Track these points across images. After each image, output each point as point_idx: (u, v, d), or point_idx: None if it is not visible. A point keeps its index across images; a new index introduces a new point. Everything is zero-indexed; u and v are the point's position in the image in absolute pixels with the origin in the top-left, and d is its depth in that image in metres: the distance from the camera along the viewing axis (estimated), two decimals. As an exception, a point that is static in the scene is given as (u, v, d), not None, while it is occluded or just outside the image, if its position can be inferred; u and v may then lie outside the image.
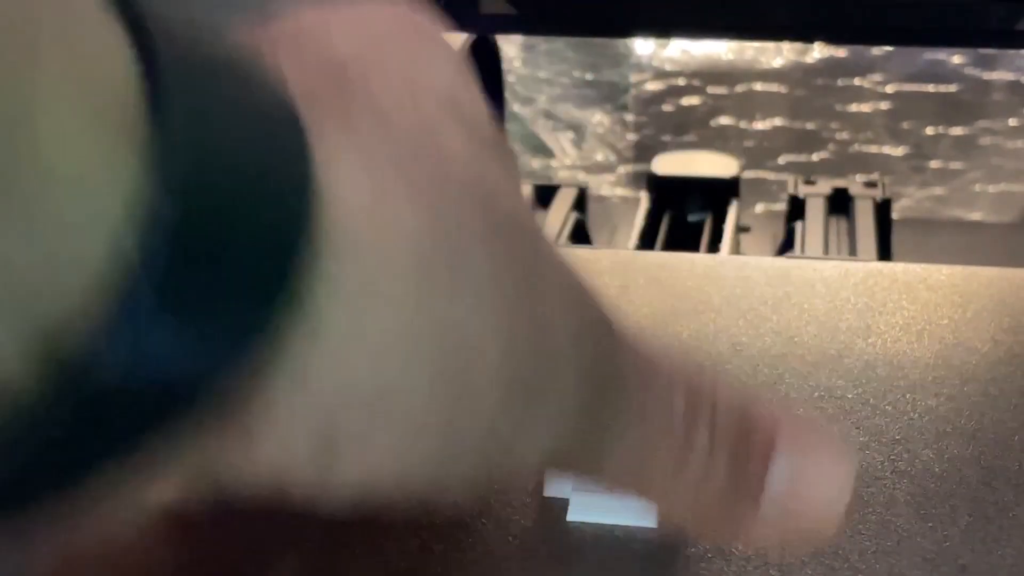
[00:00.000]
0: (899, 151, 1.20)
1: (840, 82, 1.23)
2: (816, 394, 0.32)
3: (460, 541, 0.26)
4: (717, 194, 0.85)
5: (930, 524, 0.27)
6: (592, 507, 0.26)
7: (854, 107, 1.23)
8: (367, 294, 0.16)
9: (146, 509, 0.17)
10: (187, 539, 0.25)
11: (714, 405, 0.20)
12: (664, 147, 1.21)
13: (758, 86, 1.24)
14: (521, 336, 0.17)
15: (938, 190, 1.17)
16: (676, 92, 1.26)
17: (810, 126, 1.22)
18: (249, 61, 0.16)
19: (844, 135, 1.21)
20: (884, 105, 1.22)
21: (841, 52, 1.22)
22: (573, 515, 0.26)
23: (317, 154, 0.15)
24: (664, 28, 0.77)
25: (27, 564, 0.16)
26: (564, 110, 1.28)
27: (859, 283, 0.38)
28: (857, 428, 0.31)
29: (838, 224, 0.78)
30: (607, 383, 0.19)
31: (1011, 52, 1.19)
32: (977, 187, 1.16)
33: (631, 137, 1.25)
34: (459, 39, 0.72)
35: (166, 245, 0.13)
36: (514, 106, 1.26)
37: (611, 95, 1.27)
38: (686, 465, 0.19)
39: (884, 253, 0.75)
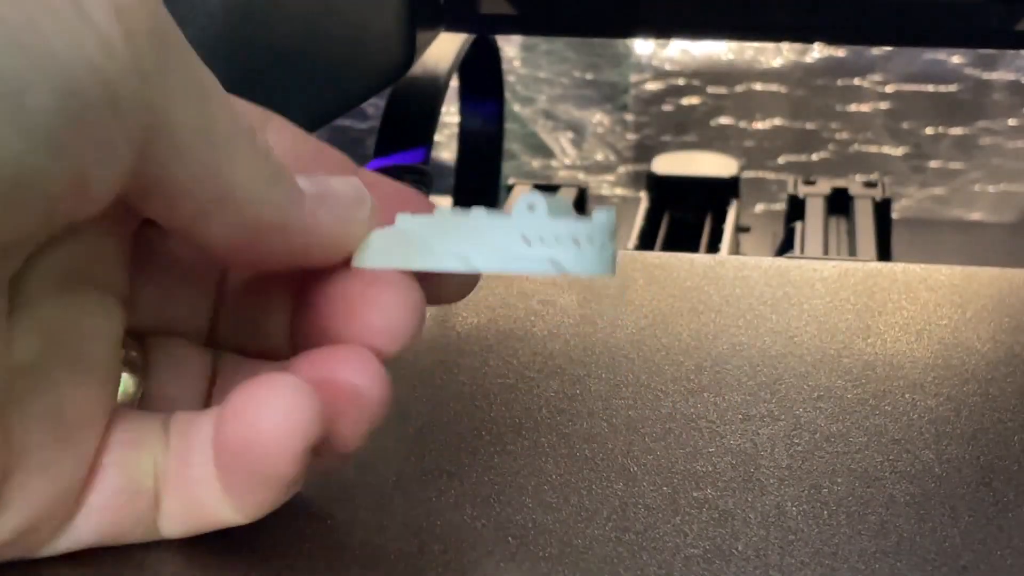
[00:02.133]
0: (899, 151, 1.20)
1: (840, 82, 1.23)
2: (815, 394, 0.32)
3: (460, 541, 0.26)
4: (717, 194, 0.85)
5: (930, 525, 0.27)
6: (385, 252, 0.25)
7: (854, 107, 1.23)
8: None
9: None
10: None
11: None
12: (664, 147, 1.21)
13: (758, 86, 1.24)
14: None
15: (938, 190, 1.17)
16: (676, 92, 1.26)
17: (810, 126, 1.22)
18: None
19: (844, 135, 1.21)
20: (884, 105, 1.22)
21: (840, 52, 1.22)
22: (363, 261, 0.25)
23: None
24: (664, 28, 0.77)
25: None
26: (564, 110, 1.28)
27: (859, 283, 0.38)
28: (856, 428, 0.31)
29: (838, 224, 0.78)
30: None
31: (1011, 52, 1.19)
32: (977, 187, 1.16)
33: (631, 137, 1.26)
34: (459, 39, 0.72)
35: None
36: (514, 106, 1.26)
37: (611, 95, 1.27)
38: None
39: (884, 253, 0.75)
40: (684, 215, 0.85)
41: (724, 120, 1.24)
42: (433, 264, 0.24)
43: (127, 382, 0.25)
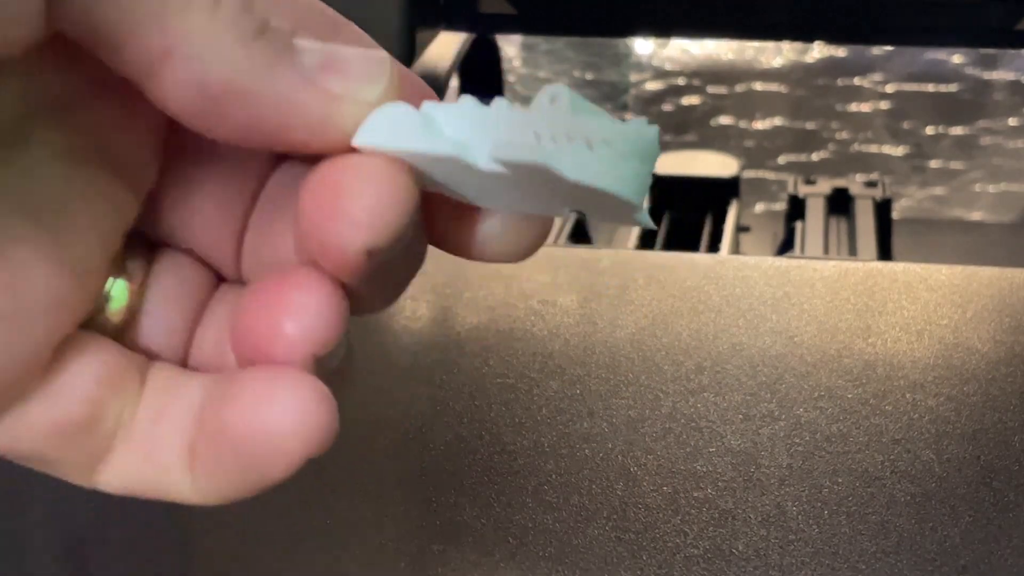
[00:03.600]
0: (899, 151, 1.20)
1: (840, 82, 1.23)
2: (816, 394, 0.32)
3: (461, 541, 0.26)
4: (717, 194, 0.85)
5: (930, 524, 0.27)
6: (384, 130, 0.21)
7: (854, 107, 1.23)
8: None
9: None
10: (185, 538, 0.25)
11: None
12: (664, 147, 1.21)
13: (758, 86, 1.24)
14: None
15: (938, 190, 1.17)
16: (676, 92, 1.26)
17: (810, 126, 1.22)
18: None
19: (844, 135, 1.21)
20: (884, 105, 1.22)
21: (841, 52, 1.22)
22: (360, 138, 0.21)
23: None
24: (664, 28, 0.77)
25: None
26: (564, 110, 1.28)
27: (859, 283, 0.38)
28: (857, 428, 0.31)
29: (838, 224, 0.78)
30: None
31: (1011, 51, 1.19)
32: (977, 187, 1.16)
33: (631, 137, 1.26)
34: (459, 38, 0.72)
35: None
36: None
37: (611, 95, 1.27)
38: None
39: (884, 253, 0.75)
40: (684, 215, 0.85)
41: (724, 120, 1.24)
42: (427, 147, 0.20)
43: (121, 290, 0.23)
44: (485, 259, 0.22)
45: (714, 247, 0.80)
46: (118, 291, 0.23)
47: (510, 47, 1.29)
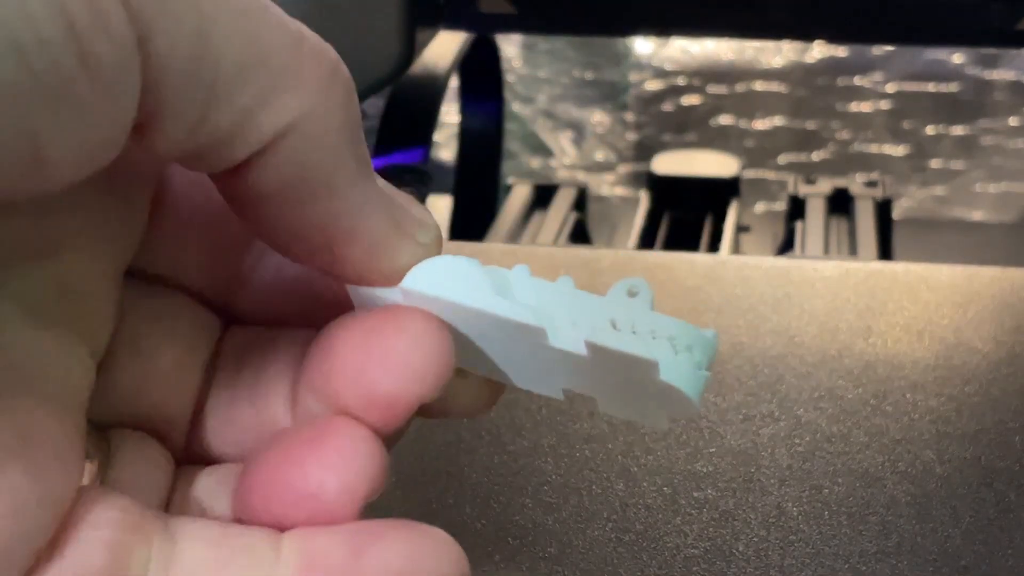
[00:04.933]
0: (900, 151, 1.20)
1: (840, 81, 1.23)
2: (816, 394, 0.32)
3: (460, 542, 0.26)
4: (717, 194, 0.85)
5: (931, 525, 0.27)
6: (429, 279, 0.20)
7: (854, 107, 1.23)
8: None
9: None
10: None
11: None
12: (664, 146, 1.21)
13: (758, 85, 1.24)
14: None
15: (939, 190, 1.17)
16: (676, 91, 1.26)
17: (810, 125, 1.22)
18: None
19: (844, 135, 1.21)
20: (885, 104, 1.22)
21: (841, 51, 1.22)
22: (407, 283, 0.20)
23: None
24: (664, 27, 0.77)
25: None
26: (564, 110, 1.28)
27: (860, 283, 0.38)
28: (857, 428, 0.31)
29: (838, 224, 0.78)
30: None
31: (1012, 51, 1.19)
32: (978, 187, 1.16)
33: (631, 137, 1.25)
34: (458, 38, 0.72)
35: None
36: (514, 106, 1.26)
37: (611, 95, 1.27)
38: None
39: (885, 253, 0.75)
40: (684, 215, 0.85)
41: (724, 120, 1.24)
42: (496, 307, 0.19)
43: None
44: (446, 416, 0.21)
45: (714, 247, 0.80)
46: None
47: (510, 47, 1.29)
